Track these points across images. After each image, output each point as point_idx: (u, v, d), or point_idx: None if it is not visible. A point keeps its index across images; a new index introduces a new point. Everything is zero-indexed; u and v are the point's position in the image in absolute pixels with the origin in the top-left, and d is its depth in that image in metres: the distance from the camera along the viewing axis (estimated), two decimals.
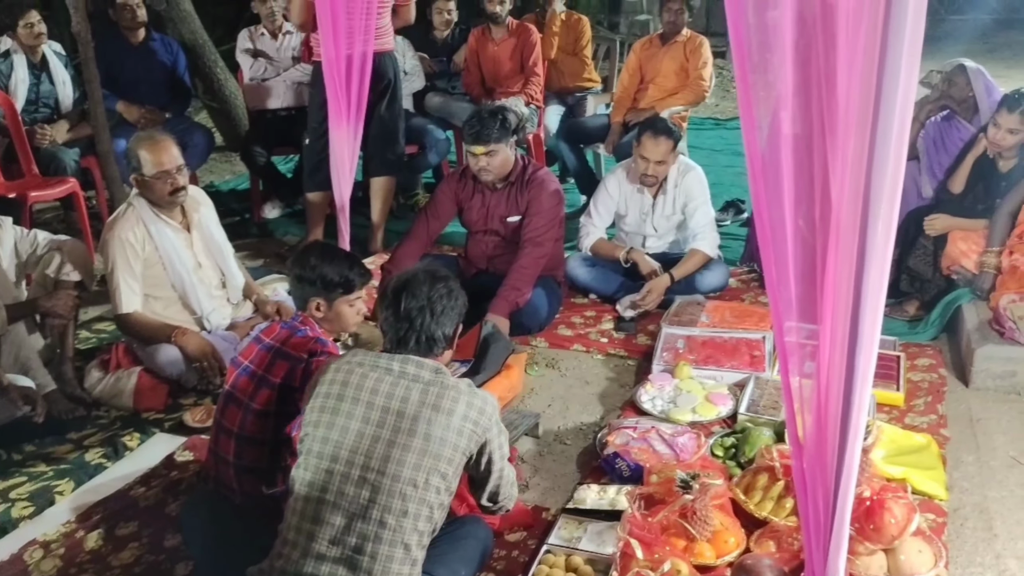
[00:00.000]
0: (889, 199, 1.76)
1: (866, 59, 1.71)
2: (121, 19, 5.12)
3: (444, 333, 2.18)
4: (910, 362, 3.51)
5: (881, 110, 1.71)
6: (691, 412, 3.14)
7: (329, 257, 2.61)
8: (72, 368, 3.40)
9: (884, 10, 1.66)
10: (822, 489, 2.03)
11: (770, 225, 1.98)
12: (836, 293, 1.87)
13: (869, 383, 1.92)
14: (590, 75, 5.86)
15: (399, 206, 5.42)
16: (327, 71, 4.09)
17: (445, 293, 2.19)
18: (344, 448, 2.04)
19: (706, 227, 4.08)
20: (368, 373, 2.09)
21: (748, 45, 1.90)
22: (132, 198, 3.35)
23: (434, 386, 2.08)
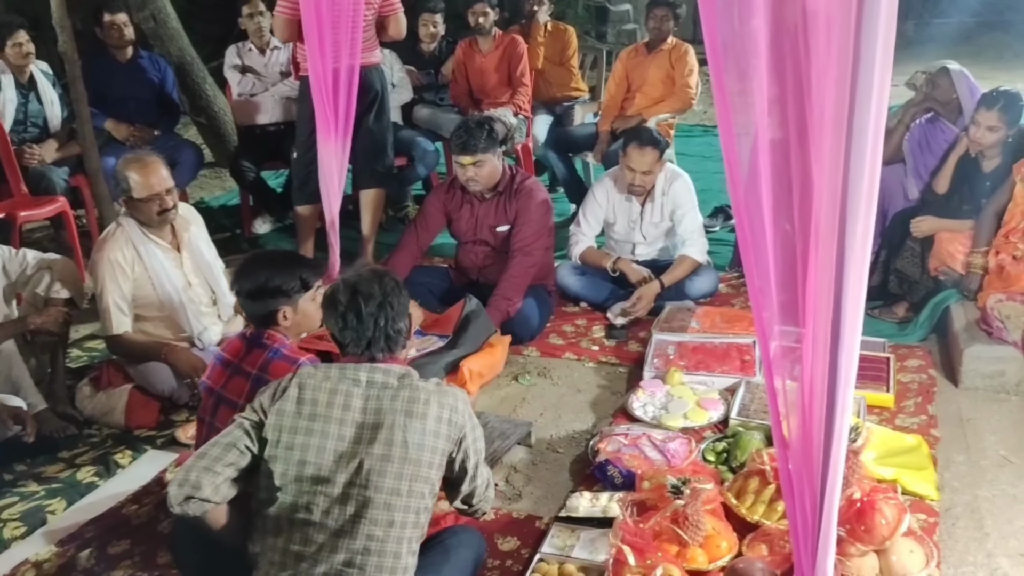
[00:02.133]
0: (866, 203, 1.78)
1: (839, 67, 1.73)
2: (109, 37, 5.13)
3: (402, 328, 2.17)
4: (900, 363, 3.53)
5: (855, 117, 1.74)
6: (683, 418, 3.15)
7: (277, 263, 2.60)
8: (63, 386, 3.40)
9: (856, 18, 1.68)
10: (809, 491, 2.04)
11: (751, 231, 2.01)
12: (817, 296, 1.89)
13: (851, 384, 1.94)
14: (577, 84, 5.89)
15: (389, 219, 5.43)
16: (314, 85, 4.11)
17: (395, 289, 2.17)
18: (324, 468, 2.02)
19: (694, 233, 4.10)
20: (336, 388, 2.07)
21: (724, 53, 1.92)
22: (121, 218, 3.35)
23: (404, 390, 2.08)
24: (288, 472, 2.03)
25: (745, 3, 1.88)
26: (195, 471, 2.02)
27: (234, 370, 2.52)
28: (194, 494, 2.01)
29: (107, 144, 5.00)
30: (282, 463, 2.04)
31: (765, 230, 1.99)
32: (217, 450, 2.06)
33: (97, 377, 3.39)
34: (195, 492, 2.01)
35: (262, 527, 2.07)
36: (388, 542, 2.00)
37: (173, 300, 3.38)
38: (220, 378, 2.53)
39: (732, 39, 1.93)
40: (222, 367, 2.54)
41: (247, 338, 2.57)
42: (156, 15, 6.01)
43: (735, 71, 1.95)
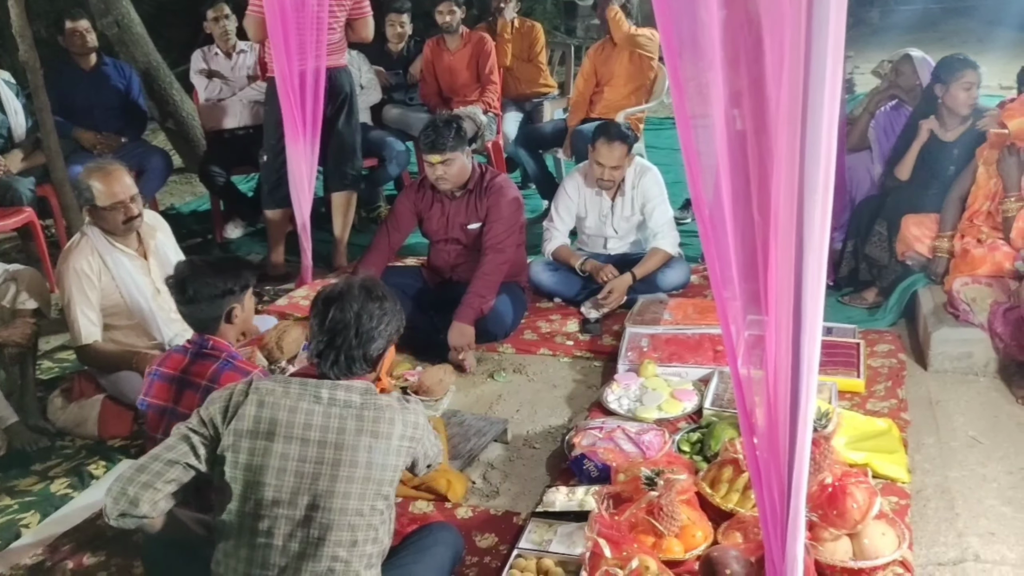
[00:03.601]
0: (823, 190, 1.79)
1: (792, 57, 1.74)
2: (71, 45, 5.08)
3: (365, 354, 2.07)
4: (870, 348, 3.57)
5: (809, 106, 1.75)
6: (657, 410, 3.17)
7: (222, 267, 2.66)
8: (34, 398, 3.37)
9: (806, 13, 1.70)
10: (776, 477, 2.06)
11: (711, 221, 2.02)
12: (778, 284, 1.91)
13: (815, 370, 1.95)
14: (546, 81, 5.90)
15: (361, 220, 5.42)
16: (281, 87, 4.09)
17: (377, 313, 2.08)
18: (284, 491, 1.96)
19: (665, 226, 4.12)
20: (297, 406, 2.00)
21: (680, 44, 1.93)
22: (85, 227, 3.31)
23: (368, 410, 2.02)
24: (247, 494, 1.97)
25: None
26: (134, 486, 1.95)
27: (181, 383, 2.53)
28: (130, 511, 1.95)
29: (74, 153, 4.95)
30: (241, 485, 1.98)
31: (725, 220, 2.01)
32: (159, 465, 1.98)
33: (68, 388, 3.36)
34: (131, 510, 1.95)
35: (223, 548, 2.01)
36: (352, 562, 1.98)
37: (142, 308, 3.35)
38: (166, 394, 2.53)
39: (688, 29, 1.94)
40: (165, 383, 2.54)
41: (189, 350, 2.57)
42: (120, 21, 5.96)
43: (691, 61, 1.97)
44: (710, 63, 1.94)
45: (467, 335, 3.66)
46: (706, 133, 2.02)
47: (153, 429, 2.55)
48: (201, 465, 2.01)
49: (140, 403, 2.57)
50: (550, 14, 10.17)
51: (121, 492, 1.95)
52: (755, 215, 1.99)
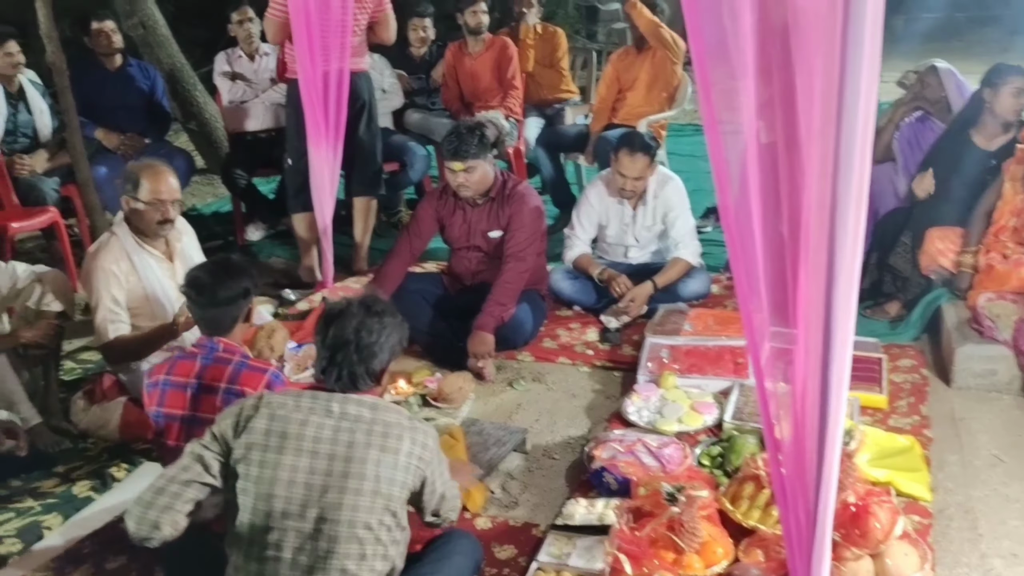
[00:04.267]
0: (857, 202, 1.78)
1: (826, 67, 1.72)
2: (97, 46, 5.13)
3: (368, 369, 2.11)
4: (892, 363, 3.54)
5: (844, 117, 1.73)
6: (677, 422, 3.16)
7: (234, 269, 2.70)
8: (56, 400, 3.40)
9: (842, 19, 1.68)
10: (802, 496, 2.04)
11: (738, 232, 2.00)
12: (808, 296, 1.89)
13: (845, 386, 1.93)
14: (568, 86, 5.89)
15: (382, 224, 5.43)
16: (304, 90, 4.10)
17: (376, 328, 2.11)
18: (294, 502, 1.98)
19: (687, 236, 4.11)
20: (307, 419, 2.03)
21: (709, 52, 1.91)
22: (115, 227, 3.32)
23: (377, 425, 2.04)
24: (257, 507, 2.00)
25: (731, 1, 1.88)
26: (154, 511, 2.01)
27: (196, 389, 2.54)
28: (153, 535, 2.02)
29: (97, 153, 4.99)
30: (251, 497, 2.00)
31: (753, 231, 1.99)
32: (175, 487, 2.03)
33: (91, 390, 3.37)
34: (154, 533, 2.02)
35: (234, 562, 2.04)
36: (360, 575, 1.99)
37: (166, 309, 3.36)
38: (182, 402, 2.54)
39: (718, 37, 1.92)
40: (178, 391, 2.54)
41: (198, 355, 2.58)
42: (145, 22, 6.00)
43: (720, 68, 1.95)
44: (740, 71, 1.92)
45: (487, 343, 3.66)
46: (734, 142, 2.00)
47: (172, 439, 2.55)
48: (216, 480, 2.05)
49: (155, 415, 2.56)
50: (572, 18, 10.17)
51: (142, 517, 2.02)
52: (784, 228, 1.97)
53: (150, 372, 2.62)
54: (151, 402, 2.57)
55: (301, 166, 4.48)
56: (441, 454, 2.16)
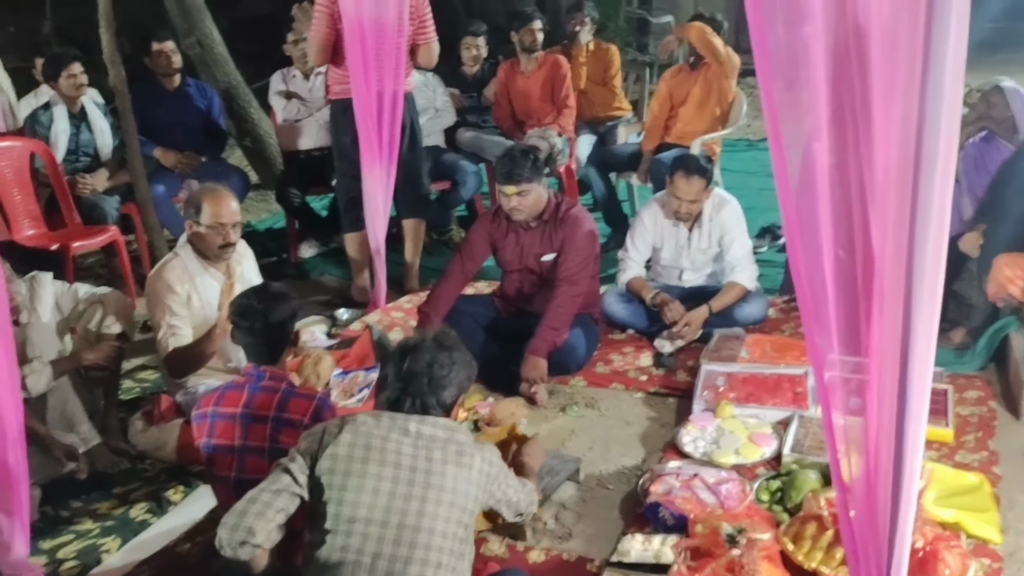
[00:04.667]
0: (938, 225, 1.70)
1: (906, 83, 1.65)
2: (157, 66, 5.22)
3: (439, 400, 2.23)
4: (958, 395, 3.43)
5: (925, 135, 1.66)
6: (734, 454, 3.09)
7: (278, 295, 2.74)
8: (116, 421, 3.45)
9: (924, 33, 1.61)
10: (873, 542, 1.96)
11: (804, 254, 1.92)
12: (883, 324, 1.80)
13: (923, 421, 1.85)
14: (620, 104, 5.85)
15: (432, 242, 5.45)
16: (359, 112, 4.12)
17: (447, 363, 2.25)
18: (378, 509, 2.09)
19: (744, 259, 4.04)
20: (387, 435, 2.15)
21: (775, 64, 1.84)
22: (179, 247, 3.38)
23: (452, 444, 2.18)
24: (341, 513, 2.09)
25: (794, 9, 1.82)
26: (249, 516, 2.09)
27: (246, 419, 2.54)
28: (248, 540, 2.08)
29: (155, 172, 5.08)
30: (335, 504, 2.10)
31: (822, 256, 1.91)
32: (267, 496, 2.13)
33: (149, 411, 3.42)
34: (249, 538, 2.08)
35: (313, 569, 2.09)
36: None
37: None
38: (231, 432, 2.55)
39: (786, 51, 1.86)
40: (227, 421, 2.55)
41: (245, 385, 2.59)
42: (202, 41, 6.10)
43: (783, 81, 1.88)
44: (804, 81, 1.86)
45: (540, 368, 3.64)
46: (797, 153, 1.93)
47: (224, 469, 2.56)
48: (303, 491, 2.15)
49: (205, 446, 2.58)
50: (622, 31, 10.12)
51: (237, 523, 2.09)
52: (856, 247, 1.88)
53: (198, 404, 2.64)
54: (200, 434, 2.58)
55: (346, 185, 4.50)
56: (505, 468, 2.32)
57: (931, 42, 1.62)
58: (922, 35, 1.62)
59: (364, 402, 3.18)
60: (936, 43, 1.61)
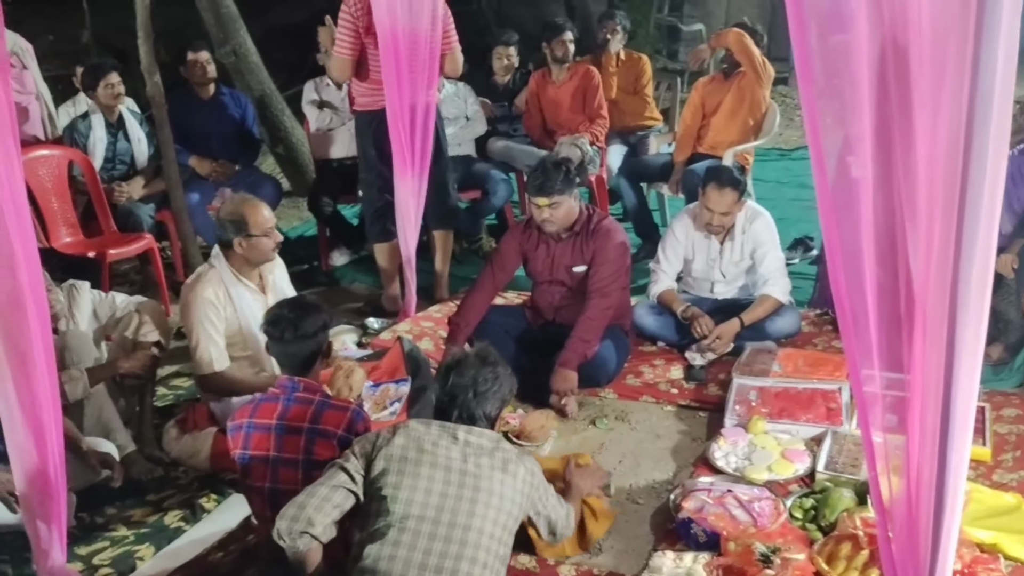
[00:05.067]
0: (984, 245, 1.67)
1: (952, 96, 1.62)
2: (192, 75, 5.27)
3: (484, 412, 2.37)
4: (995, 412, 3.38)
5: (974, 145, 1.62)
6: (767, 470, 3.06)
7: (309, 304, 2.79)
8: (151, 428, 3.49)
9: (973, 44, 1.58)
10: (913, 565, 1.93)
11: (844, 268, 1.89)
12: (927, 345, 1.77)
13: (967, 443, 1.81)
14: (652, 114, 5.83)
15: (462, 251, 5.46)
16: (392, 123, 4.12)
17: (490, 377, 2.39)
18: (430, 507, 2.20)
19: (776, 272, 4.00)
20: (438, 441, 2.29)
21: (814, 71, 1.80)
22: (213, 259, 3.40)
23: (498, 452, 2.31)
24: (395, 510, 2.20)
25: (835, 16, 1.79)
26: (309, 508, 2.21)
27: (281, 430, 2.56)
28: (308, 530, 2.20)
29: (190, 180, 5.13)
30: (389, 502, 2.21)
31: (863, 270, 1.88)
32: (325, 490, 2.25)
33: (183, 419, 3.46)
34: (309, 528, 2.20)
35: (364, 565, 2.17)
36: None
37: (258, 340, 3.41)
38: (266, 443, 2.57)
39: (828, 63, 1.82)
40: (263, 433, 2.57)
41: (280, 396, 2.61)
42: (237, 50, 6.15)
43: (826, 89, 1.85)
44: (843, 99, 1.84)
45: (571, 380, 3.63)
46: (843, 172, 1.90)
47: (259, 480, 2.59)
48: (358, 489, 2.28)
49: (240, 457, 2.60)
50: (652, 38, 10.08)
51: (297, 514, 2.20)
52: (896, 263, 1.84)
53: (233, 416, 2.66)
54: (236, 444, 2.60)
55: (372, 196, 4.52)
56: (546, 483, 2.44)
57: (980, 53, 1.58)
58: (971, 45, 1.59)
59: (396, 415, 3.18)
60: (986, 54, 1.58)
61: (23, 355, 2.31)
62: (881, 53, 1.78)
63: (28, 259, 2.29)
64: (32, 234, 2.35)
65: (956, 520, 1.84)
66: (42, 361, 2.35)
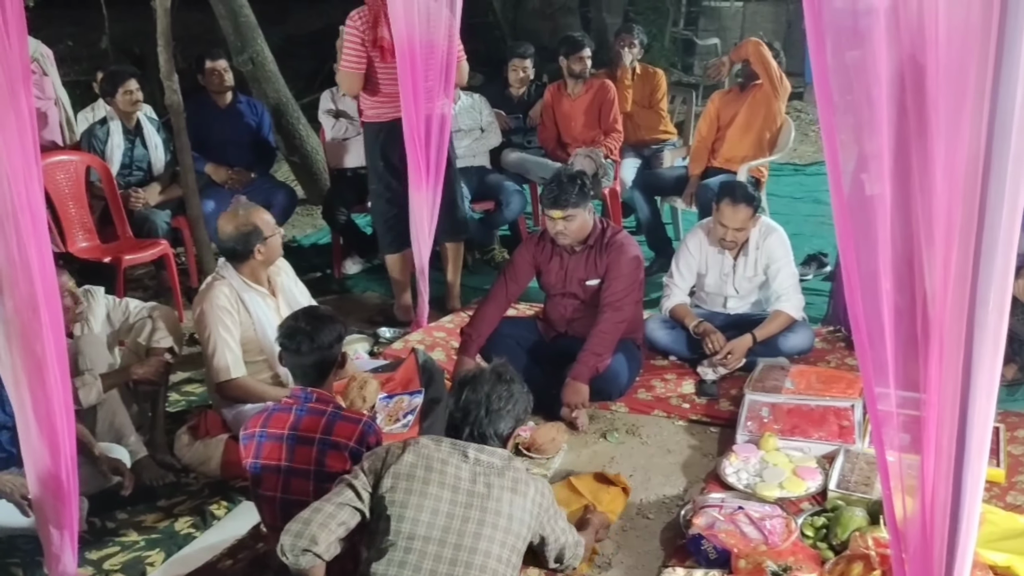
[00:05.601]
0: (1003, 267, 1.66)
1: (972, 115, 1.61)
2: (210, 84, 5.31)
3: (496, 431, 2.33)
4: (1010, 433, 3.36)
5: (992, 167, 1.61)
6: (778, 488, 3.05)
7: (325, 315, 2.78)
8: (163, 434, 3.50)
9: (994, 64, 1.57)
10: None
11: (860, 285, 1.88)
12: (943, 366, 1.76)
13: (983, 465, 1.80)
14: (666, 127, 5.83)
15: (475, 262, 5.47)
16: (408, 133, 4.14)
17: (505, 395, 2.34)
18: (436, 528, 2.18)
19: (790, 289, 3.99)
20: (447, 459, 2.26)
21: (832, 88, 1.81)
22: (221, 269, 3.44)
23: (508, 471, 2.28)
24: (401, 530, 2.18)
25: (853, 32, 1.79)
26: (313, 525, 2.18)
27: (292, 441, 2.56)
28: (311, 548, 2.17)
29: (206, 187, 5.16)
30: (395, 521, 2.19)
31: (879, 289, 1.87)
32: (331, 507, 2.23)
33: (195, 426, 3.47)
34: (312, 546, 2.17)
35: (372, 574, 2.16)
36: None
37: (272, 344, 3.42)
38: (278, 453, 2.57)
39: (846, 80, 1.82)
40: (275, 443, 2.57)
41: (293, 407, 2.61)
42: (255, 58, 6.18)
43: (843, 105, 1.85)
44: (859, 115, 1.84)
45: (582, 393, 3.63)
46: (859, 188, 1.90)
47: (270, 490, 2.59)
48: (364, 507, 2.25)
49: (252, 466, 2.60)
50: (667, 52, 10.09)
51: (301, 530, 2.18)
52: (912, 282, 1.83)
53: (246, 425, 2.66)
54: (248, 454, 2.61)
55: (381, 208, 4.52)
56: (557, 507, 2.40)
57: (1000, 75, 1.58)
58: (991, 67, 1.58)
59: (409, 428, 3.18)
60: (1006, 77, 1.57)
61: (38, 361, 2.33)
62: (899, 71, 1.78)
63: (43, 266, 2.31)
64: (48, 241, 2.36)
65: (971, 542, 1.83)
66: (56, 367, 2.36)
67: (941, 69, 1.67)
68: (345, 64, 4.33)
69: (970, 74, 1.61)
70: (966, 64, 1.62)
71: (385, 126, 4.34)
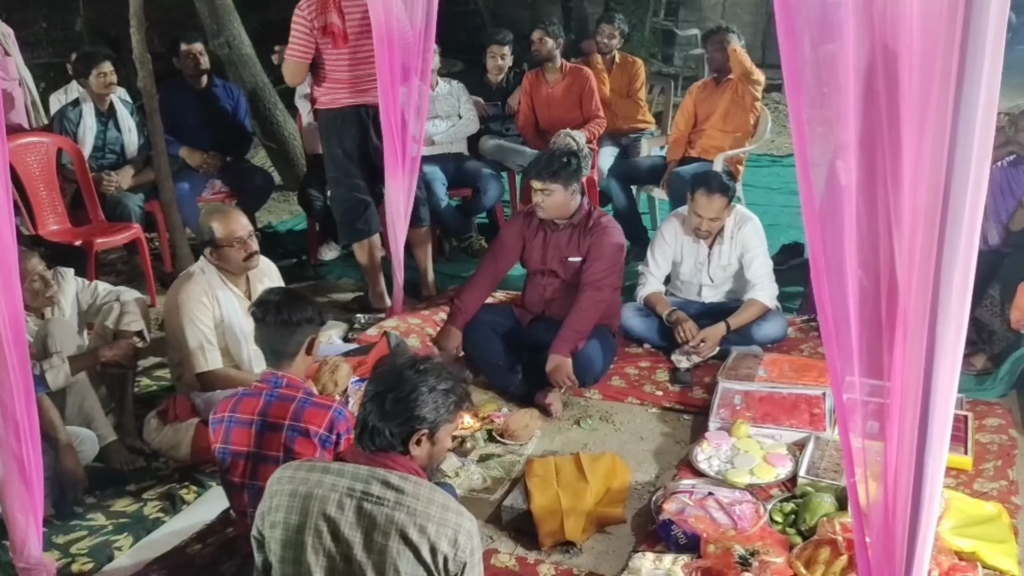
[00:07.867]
0: (966, 254, 1.68)
1: (938, 108, 1.62)
2: (185, 67, 5.25)
3: (390, 431, 1.92)
4: (978, 421, 3.39)
5: (956, 162, 1.63)
6: (749, 474, 3.07)
7: (299, 295, 2.73)
8: (131, 418, 3.46)
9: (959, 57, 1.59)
10: (889, 569, 1.94)
11: (827, 273, 1.90)
12: (907, 351, 1.78)
13: (944, 449, 1.82)
14: (644, 117, 5.84)
15: (452, 249, 5.46)
16: (385, 119, 4.10)
17: (408, 388, 1.94)
18: None
19: (764, 278, 4.01)
20: (328, 496, 1.88)
21: (803, 80, 1.83)
22: (202, 264, 3.40)
23: (400, 510, 1.85)
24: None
25: (824, 26, 1.80)
26: None
27: (260, 427, 2.54)
28: None
29: (180, 171, 5.11)
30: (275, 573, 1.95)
31: (845, 277, 1.89)
32: None
33: (165, 410, 3.44)
34: None
35: None
36: None
37: (241, 347, 3.39)
38: (246, 439, 2.54)
39: (813, 65, 1.84)
40: (243, 428, 2.55)
41: (263, 392, 2.58)
42: (231, 42, 6.13)
43: (815, 98, 1.87)
44: (833, 107, 1.85)
45: (565, 366, 3.62)
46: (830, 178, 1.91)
47: (238, 475, 2.57)
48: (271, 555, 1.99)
49: (220, 451, 2.57)
50: (647, 42, 10.09)
51: None
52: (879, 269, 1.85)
53: (215, 409, 2.63)
54: (216, 439, 2.58)
55: (341, 195, 4.44)
56: (479, 551, 1.94)
57: (965, 66, 1.59)
58: (956, 58, 1.59)
59: None
60: (971, 67, 1.59)
61: None
62: (870, 62, 1.79)
63: (3, 246, 2.26)
64: (11, 221, 2.31)
65: (932, 525, 1.84)
66: (14, 349, 2.30)
67: (912, 61, 1.69)
68: (290, 52, 4.22)
69: (938, 66, 1.62)
70: (934, 56, 1.63)
71: (340, 112, 4.28)
